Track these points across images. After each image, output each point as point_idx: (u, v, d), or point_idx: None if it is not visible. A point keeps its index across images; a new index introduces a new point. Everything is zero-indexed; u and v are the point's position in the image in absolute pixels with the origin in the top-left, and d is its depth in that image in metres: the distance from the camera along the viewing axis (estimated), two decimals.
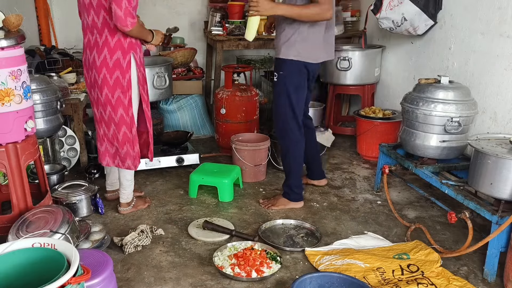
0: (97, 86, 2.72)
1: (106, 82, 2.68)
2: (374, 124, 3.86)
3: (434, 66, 3.58)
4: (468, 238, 2.36)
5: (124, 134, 2.79)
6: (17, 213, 2.37)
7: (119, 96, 2.70)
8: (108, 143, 2.87)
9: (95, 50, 2.66)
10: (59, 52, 4.29)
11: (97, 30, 2.63)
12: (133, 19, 2.53)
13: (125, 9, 2.47)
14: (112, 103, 2.72)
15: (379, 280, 2.28)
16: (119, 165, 2.90)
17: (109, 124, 2.80)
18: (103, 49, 2.64)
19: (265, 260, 2.40)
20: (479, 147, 2.34)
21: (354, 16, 4.86)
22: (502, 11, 2.86)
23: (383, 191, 3.23)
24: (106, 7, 2.55)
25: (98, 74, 2.68)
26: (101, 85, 2.70)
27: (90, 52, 2.70)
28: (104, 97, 2.72)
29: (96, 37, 2.65)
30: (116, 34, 2.61)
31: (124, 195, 2.99)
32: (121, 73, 2.67)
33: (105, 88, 2.69)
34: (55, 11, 5.08)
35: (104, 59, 2.65)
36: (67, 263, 1.56)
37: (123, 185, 2.96)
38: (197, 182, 3.27)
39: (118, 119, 2.75)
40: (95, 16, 2.61)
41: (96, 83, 2.72)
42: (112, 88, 2.69)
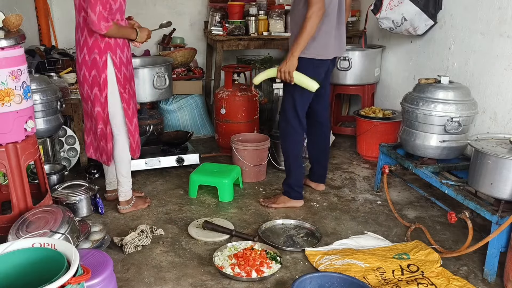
0: (80, 82, 2.86)
1: (86, 80, 2.80)
2: (374, 124, 3.86)
3: (434, 66, 3.58)
4: (468, 238, 2.36)
5: (101, 130, 2.88)
6: (17, 213, 2.37)
7: (96, 93, 2.80)
8: (92, 136, 3.00)
9: (79, 48, 2.78)
10: (59, 52, 4.29)
11: (81, 29, 2.74)
12: (107, 23, 2.58)
13: (98, 13, 2.54)
14: (92, 99, 2.83)
15: (379, 280, 2.28)
16: (99, 158, 3.03)
17: (91, 118, 2.92)
18: (84, 48, 2.74)
19: (265, 260, 2.40)
20: (479, 147, 2.34)
21: (354, 16, 4.86)
22: (502, 11, 2.86)
23: (383, 191, 3.23)
24: (85, 9, 2.62)
25: (80, 71, 2.81)
26: (82, 82, 2.82)
27: (76, 49, 2.81)
28: (85, 93, 2.84)
29: (79, 36, 2.76)
30: (94, 34, 2.69)
31: (122, 192, 3.01)
32: (97, 71, 2.75)
33: (85, 85, 2.82)
34: (55, 11, 5.08)
35: (84, 57, 2.75)
36: (67, 263, 1.56)
37: (120, 182, 2.99)
38: (197, 182, 3.27)
39: (96, 114, 2.84)
40: (79, 16, 2.72)
41: (79, 80, 2.86)
42: (90, 85, 2.80)
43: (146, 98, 3.71)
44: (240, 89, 4.03)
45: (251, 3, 4.74)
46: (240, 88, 4.05)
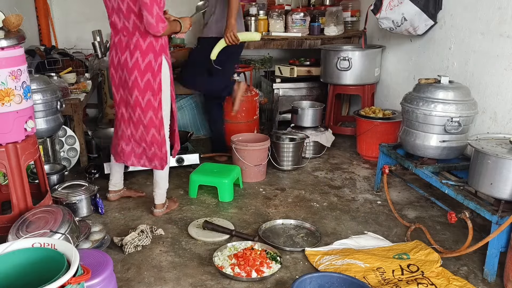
0: (127, 87, 2.74)
1: (137, 85, 2.70)
2: (374, 124, 3.86)
3: (434, 66, 3.58)
4: (468, 238, 2.36)
5: (153, 136, 2.81)
6: (17, 213, 2.37)
7: (150, 99, 2.72)
8: (134, 144, 2.89)
9: (127, 51, 2.68)
10: (59, 52, 4.29)
11: (128, 33, 2.67)
12: (164, 23, 2.57)
13: (156, 15, 2.52)
14: (142, 105, 2.74)
15: (379, 280, 2.28)
16: (145, 164, 2.92)
17: (137, 125, 2.81)
18: (135, 52, 2.66)
19: (265, 260, 2.40)
20: (479, 147, 2.34)
21: (354, 16, 4.86)
22: (502, 11, 2.86)
23: (383, 191, 3.23)
24: (136, 12, 2.59)
25: (129, 76, 2.70)
26: (131, 87, 2.72)
27: (121, 52, 2.71)
28: (134, 99, 2.74)
29: (128, 40, 2.68)
30: (148, 37, 2.64)
31: (160, 195, 2.97)
32: (152, 75, 2.69)
33: (136, 90, 2.71)
34: (55, 11, 5.08)
35: (136, 61, 2.66)
36: (67, 263, 1.56)
37: (159, 185, 2.94)
38: (197, 182, 3.27)
39: (148, 121, 2.77)
40: (125, 21, 2.64)
41: (126, 84, 2.74)
42: (142, 90, 2.71)
43: None
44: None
45: (251, 3, 4.74)
46: None
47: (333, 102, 4.52)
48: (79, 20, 5.17)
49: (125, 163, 2.99)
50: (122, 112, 2.85)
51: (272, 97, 4.78)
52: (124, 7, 2.61)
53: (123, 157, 2.96)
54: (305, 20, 4.69)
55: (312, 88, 4.82)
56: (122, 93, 2.80)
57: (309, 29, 4.74)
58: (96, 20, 5.20)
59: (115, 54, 2.76)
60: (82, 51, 4.60)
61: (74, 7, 5.15)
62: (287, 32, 4.69)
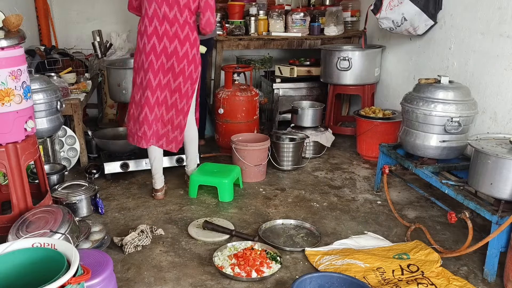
0: (173, 73, 2.98)
1: (183, 73, 2.98)
2: (374, 124, 3.86)
3: (434, 66, 3.58)
4: (468, 238, 2.36)
5: (180, 121, 3.09)
6: (17, 213, 2.37)
7: (189, 87, 3.03)
8: (160, 125, 3.09)
9: (177, 41, 2.92)
10: (59, 52, 4.29)
11: (178, 24, 2.91)
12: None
13: (215, 17, 2.96)
14: (182, 92, 3.02)
15: (379, 280, 2.28)
16: (162, 146, 3.14)
17: (170, 109, 3.06)
18: (185, 42, 2.94)
19: (265, 260, 2.40)
20: (479, 147, 2.34)
21: (354, 16, 4.86)
22: (502, 11, 2.86)
23: (383, 191, 3.23)
24: (191, 8, 2.90)
25: (178, 64, 2.96)
26: (178, 74, 2.98)
27: (169, 41, 2.92)
28: (176, 85, 3.00)
29: (177, 29, 2.91)
30: (194, 32, 2.96)
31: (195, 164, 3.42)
32: (194, 67, 3.02)
33: (181, 77, 2.99)
34: (55, 11, 5.08)
35: (186, 51, 2.95)
36: (67, 263, 1.56)
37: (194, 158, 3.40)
38: (197, 182, 3.27)
39: (181, 107, 3.06)
40: (178, 13, 2.89)
41: (172, 71, 2.98)
42: (186, 79, 3.00)
43: None
44: (240, 89, 4.03)
45: (251, 3, 4.74)
46: (240, 88, 4.05)
47: (333, 102, 4.52)
48: (79, 20, 5.18)
49: (142, 146, 3.11)
50: (156, 96, 3.00)
51: (272, 97, 4.78)
52: (182, 2, 2.87)
53: (144, 139, 3.09)
54: (305, 20, 4.69)
55: (312, 88, 4.82)
56: (162, 78, 2.98)
57: (309, 29, 4.74)
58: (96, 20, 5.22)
59: (158, 41, 2.92)
60: (82, 51, 4.60)
61: (74, 7, 5.15)
62: (287, 32, 4.69)
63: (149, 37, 2.91)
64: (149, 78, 2.96)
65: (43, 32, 4.78)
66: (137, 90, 3.03)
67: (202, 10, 2.91)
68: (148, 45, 2.92)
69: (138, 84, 3.02)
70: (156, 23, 2.89)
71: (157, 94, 2.99)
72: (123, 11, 5.26)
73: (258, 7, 4.68)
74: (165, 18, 2.88)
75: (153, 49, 2.92)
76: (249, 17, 4.61)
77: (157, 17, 2.89)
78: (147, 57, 2.93)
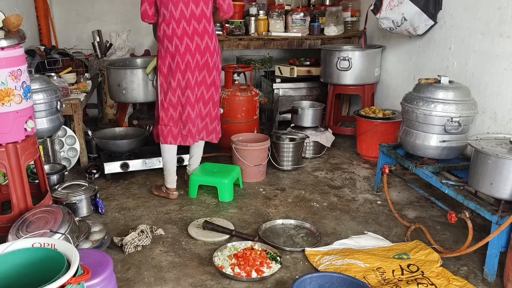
0: (208, 69, 3.05)
1: (216, 66, 3.09)
2: (374, 124, 3.86)
3: (434, 66, 3.58)
4: (468, 238, 2.36)
5: (216, 112, 3.24)
6: (17, 213, 2.37)
7: (216, 78, 3.13)
8: (199, 120, 3.17)
9: (207, 36, 2.98)
10: (59, 52, 4.30)
11: (207, 20, 2.97)
12: None
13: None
14: (216, 84, 3.14)
15: (379, 280, 2.28)
16: (203, 137, 3.26)
17: (207, 103, 3.16)
18: (213, 36, 3.02)
19: (265, 260, 2.40)
20: (479, 147, 2.34)
21: (354, 16, 4.86)
22: (502, 11, 2.86)
23: (383, 191, 3.23)
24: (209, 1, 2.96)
25: (211, 58, 3.03)
26: (211, 68, 3.06)
27: (200, 38, 2.96)
28: (211, 79, 3.09)
29: (205, 26, 2.97)
30: (212, 24, 3.02)
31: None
32: (219, 58, 3.13)
33: (215, 71, 3.09)
34: (55, 11, 5.08)
35: (215, 45, 3.04)
36: (67, 263, 1.56)
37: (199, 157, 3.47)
38: (197, 182, 3.27)
39: (216, 99, 3.20)
40: (205, 8, 2.94)
41: (207, 66, 3.04)
42: (218, 71, 3.12)
43: (146, 98, 3.72)
44: (240, 89, 4.03)
45: (251, 3, 4.74)
46: (240, 88, 4.05)
47: (333, 102, 4.52)
48: (79, 20, 5.18)
49: (188, 143, 3.19)
50: (196, 94, 3.08)
51: (272, 97, 4.78)
52: None
53: (189, 137, 3.15)
54: (305, 20, 4.69)
55: (312, 88, 4.82)
56: (198, 75, 3.04)
57: (309, 29, 4.74)
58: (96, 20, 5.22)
59: (190, 40, 2.95)
60: (82, 51, 4.60)
61: (74, 7, 5.15)
62: (287, 32, 4.69)
63: (180, 38, 2.93)
64: (188, 78, 3.01)
65: (43, 32, 4.78)
66: (173, 92, 3.03)
67: None
68: (182, 46, 2.94)
69: (174, 86, 3.01)
70: (184, 24, 2.91)
71: (195, 92, 3.07)
72: (123, 11, 5.28)
73: (258, 7, 4.68)
74: (192, 16, 2.92)
75: (187, 49, 2.95)
76: (249, 17, 4.61)
77: (185, 18, 2.91)
78: (183, 58, 2.96)
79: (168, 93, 3.05)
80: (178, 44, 2.93)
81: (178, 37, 2.92)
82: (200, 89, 3.08)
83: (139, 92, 3.66)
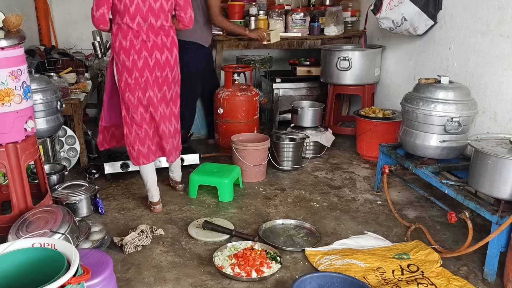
0: (167, 84, 2.91)
1: (176, 79, 2.97)
2: (374, 124, 3.86)
3: (434, 66, 3.58)
4: (468, 238, 2.36)
5: (175, 127, 3.07)
6: (17, 213, 2.37)
7: (177, 90, 3.02)
8: (172, 139, 3.06)
9: (166, 50, 2.85)
10: (59, 52, 4.29)
11: (164, 32, 2.83)
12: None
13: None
14: (174, 98, 3.00)
15: (379, 280, 2.28)
16: (177, 156, 3.17)
17: (170, 119, 3.00)
18: (173, 48, 2.88)
19: (265, 260, 2.40)
20: (479, 147, 2.34)
21: (354, 16, 4.86)
22: (502, 11, 2.86)
23: (383, 191, 3.23)
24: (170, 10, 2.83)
25: (171, 73, 2.91)
26: (171, 82, 2.93)
27: (160, 52, 2.82)
28: (171, 95, 2.96)
29: (162, 37, 2.82)
30: (172, 33, 2.88)
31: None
32: (177, 68, 2.98)
33: (174, 85, 2.98)
34: (55, 11, 5.08)
35: (176, 57, 2.91)
36: (67, 263, 1.56)
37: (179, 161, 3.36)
38: (197, 182, 3.27)
39: (177, 112, 3.04)
40: (164, 20, 2.81)
41: (167, 81, 2.91)
42: (176, 84, 3.00)
43: None
44: (240, 89, 4.03)
45: (251, 3, 4.74)
46: (240, 88, 4.05)
47: (333, 102, 4.52)
48: (79, 20, 5.17)
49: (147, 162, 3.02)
50: (161, 111, 2.94)
51: (272, 97, 4.78)
52: (167, 6, 2.78)
53: (149, 155, 3.02)
54: (305, 20, 4.69)
55: (312, 88, 4.82)
56: (157, 91, 2.88)
57: (309, 29, 4.74)
58: None
59: (149, 54, 2.79)
60: (82, 51, 4.60)
61: (74, 7, 5.15)
62: (287, 32, 4.69)
63: (138, 52, 2.75)
64: (149, 95, 2.85)
65: (43, 32, 4.78)
66: (134, 109, 2.86)
67: (182, 8, 2.85)
68: (140, 61, 2.77)
69: (135, 103, 2.84)
70: (143, 36, 2.75)
71: (160, 110, 2.91)
72: None
73: (258, 7, 4.68)
74: (150, 28, 2.76)
75: (146, 64, 2.79)
76: (249, 17, 4.61)
77: (142, 29, 2.74)
78: (141, 73, 2.79)
79: (124, 110, 2.90)
80: (135, 58, 2.76)
81: (136, 50, 2.75)
82: (163, 106, 2.92)
83: None
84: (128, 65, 2.78)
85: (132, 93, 2.83)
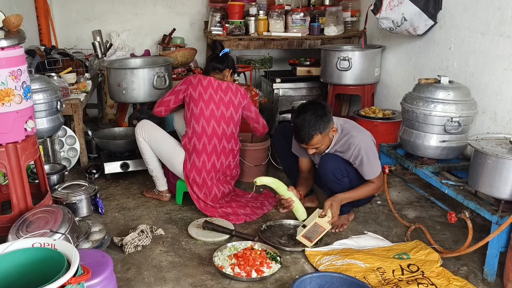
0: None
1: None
2: (374, 124, 3.85)
3: (434, 66, 3.58)
4: (468, 238, 2.36)
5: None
6: (17, 213, 2.37)
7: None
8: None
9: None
10: (59, 52, 4.29)
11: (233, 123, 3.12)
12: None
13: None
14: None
15: (379, 280, 2.28)
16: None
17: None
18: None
19: (265, 260, 2.39)
20: (479, 147, 2.34)
21: (354, 16, 4.85)
22: (502, 11, 2.86)
23: (383, 191, 3.22)
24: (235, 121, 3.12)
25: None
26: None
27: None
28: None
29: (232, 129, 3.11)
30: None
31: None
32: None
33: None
34: (55, 11, 5.08)
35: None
36: (67, 263, 1.56)
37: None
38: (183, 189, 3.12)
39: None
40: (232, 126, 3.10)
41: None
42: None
43: (146, 98, 3.71)
44: None
45: (251, 3, 4.73)
46: None
47: (333, 102, 4.51)
48: (79, 20, 5.18)
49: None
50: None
51: (272, 97, 4.78)
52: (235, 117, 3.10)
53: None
54: (305, 20, 4.69)
55: (312, 88, 4.82)
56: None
57: (309, 29, 4.73)
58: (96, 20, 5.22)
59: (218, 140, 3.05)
60: (82, 51, 4.60)
61: (74, 7, 5.15)
62: (287, 32, 4.69)
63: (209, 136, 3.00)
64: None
65: (43, 32, 4.78)
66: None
67: (254, 119, 3.22)
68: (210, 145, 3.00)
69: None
70: (214, 123, 3.00)
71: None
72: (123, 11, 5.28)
73: (258, 7, 4.68)
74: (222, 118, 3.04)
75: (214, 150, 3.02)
76: (249, 17, 4.61)
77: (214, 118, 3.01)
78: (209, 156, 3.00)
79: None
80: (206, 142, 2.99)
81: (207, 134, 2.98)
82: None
83: (139, 92, 3.66)
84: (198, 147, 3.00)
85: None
